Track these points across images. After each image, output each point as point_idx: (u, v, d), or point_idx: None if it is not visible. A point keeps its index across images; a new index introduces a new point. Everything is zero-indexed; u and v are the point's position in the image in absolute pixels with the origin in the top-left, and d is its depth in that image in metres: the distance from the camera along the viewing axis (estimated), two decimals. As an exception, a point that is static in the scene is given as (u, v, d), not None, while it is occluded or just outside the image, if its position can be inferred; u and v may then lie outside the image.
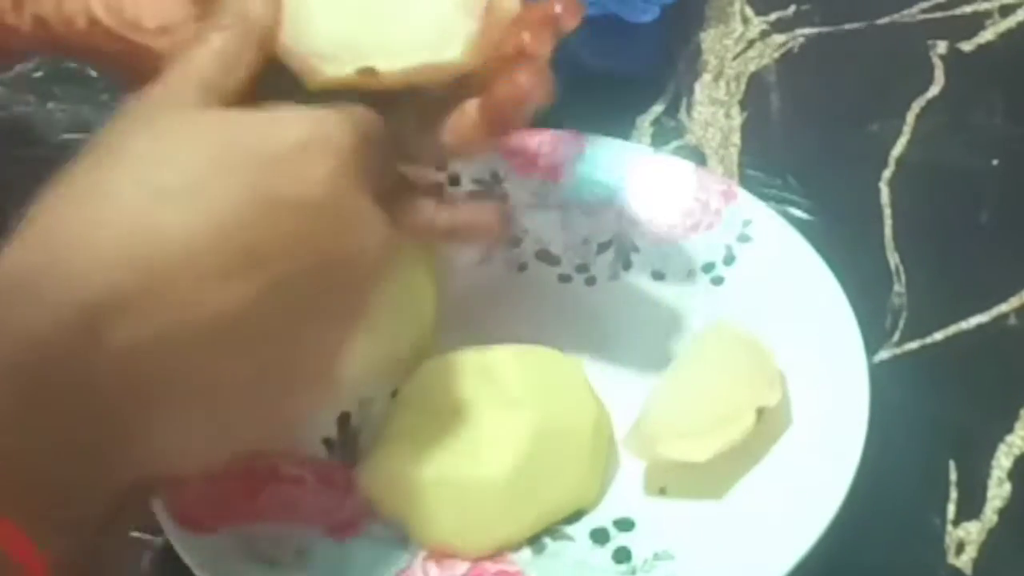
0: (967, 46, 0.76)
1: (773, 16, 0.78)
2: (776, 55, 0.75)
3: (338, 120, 0.41)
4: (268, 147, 0.39)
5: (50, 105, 0.71)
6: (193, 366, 0.37)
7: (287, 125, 0.40)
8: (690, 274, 0.59)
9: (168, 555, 0.49)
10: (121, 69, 0.49)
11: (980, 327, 0.60)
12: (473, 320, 0.58)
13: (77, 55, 0.48)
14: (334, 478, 0.52)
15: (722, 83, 0.73)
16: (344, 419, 0.54)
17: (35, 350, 0.35)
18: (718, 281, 0.59)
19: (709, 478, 0.51)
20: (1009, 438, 0.56)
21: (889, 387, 0.54)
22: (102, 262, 0.36)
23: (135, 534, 0.51)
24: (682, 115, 0.71)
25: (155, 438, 0.37)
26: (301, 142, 0.39)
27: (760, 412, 0.50)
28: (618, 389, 0.55)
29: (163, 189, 0.37)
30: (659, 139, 0.70)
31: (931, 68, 0.74)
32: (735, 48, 0.76)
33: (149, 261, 0.36)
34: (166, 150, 0.38)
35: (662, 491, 0.52)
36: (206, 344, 0.37)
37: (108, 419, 0.36)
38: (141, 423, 0.37)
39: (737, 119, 0.71)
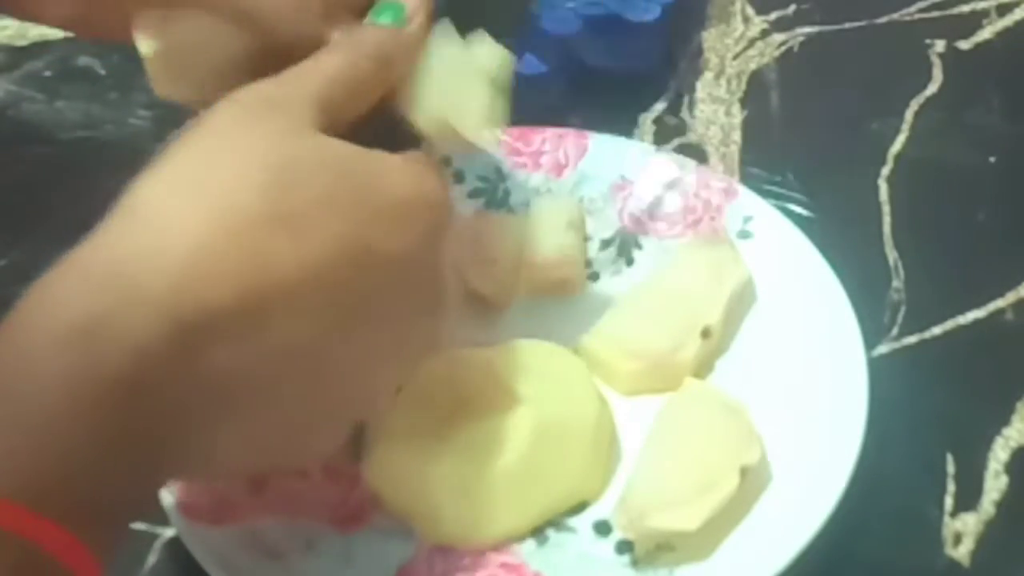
0: (965, 45, 0.76)
1: (773, 15, 0.78)
2: (776, 54, 0.76)
3: (438, 180, 0.43)
4: (375, 198, 0.40)
5: (59, 103, 0.72)
6: (265, 391, 0.38)
7: (395, 178, 0.41)
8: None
9: (175, 548, 0.50)
10: None
11: (977, 322, 0.61)
12: (477, 316, 0.59)
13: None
14: (339, 472, 0.52)
15: (723, 81, 0.74)
16: (350, 413, 0.54)
17: (136, 360, 0.35)
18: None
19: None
20: (1006, 431, 0.56)
21: (888, 381, 0.54)
22: (213, 273, 0.36)
23: (143, 527, 0.52)
24: (684, 113, 0.72)
25: (216, 451, 0.38)
26: (405, 199, 0.41)
27: (743, 471, 0.50)
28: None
29: (283, 215, 0.37)
30: (661, 137, 0.70)
31: (929, 66, 0.74)
32: (736, 47, 0.76)
33: (256, 285, 0.37)
34: (291, 176, 0.38)
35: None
36: (279, 372, 0.38)
37: (179, 430, 0.36)
38: (207, 437, 0.38)
39: (738, 117, 0.72)
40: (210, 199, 0.37)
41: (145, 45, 0.47)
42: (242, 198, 0.37)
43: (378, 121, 0.45)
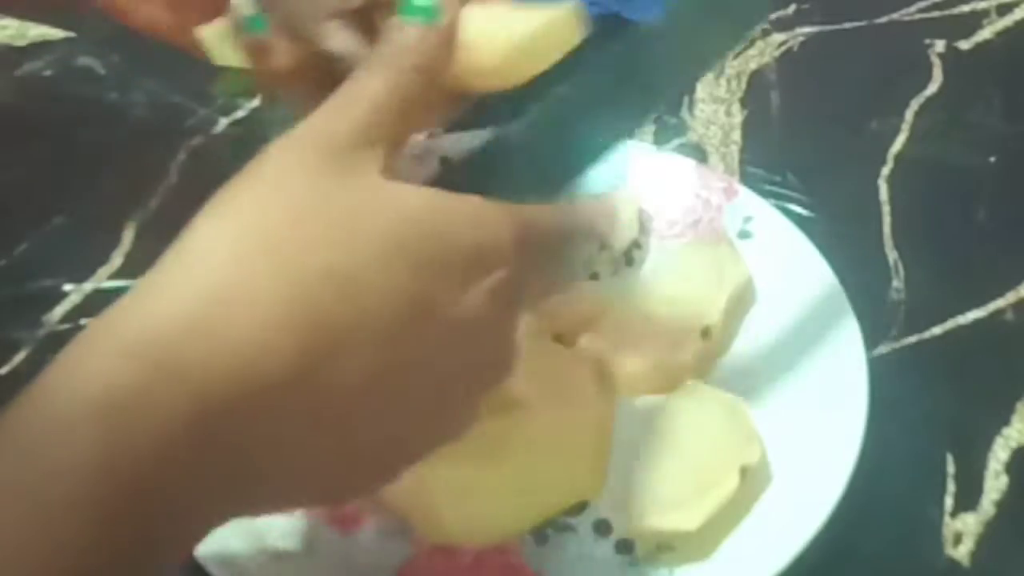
0: (965, 44, 0.76)
1: (773, 15, 0.78)
2: (776, 54, 0.76)
3: (516, 231, 0.39)
4: (442, 251, 0.37)
5: (59, 103, 0.72)
6: (296, 454, 0.35)
7: (467, 229, 0.37)
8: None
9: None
10: None
11: (977, 322, 0.61)
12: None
13: None
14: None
15: (723, 81, 0.74)
16: (350, 413, 0.54)
17: (157, 448, 0.32)
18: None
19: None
20: (1006, 431, 0.56)
21: (888, 381, 0.54)
22: (266, 345, 0.33)
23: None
24: (684, 113, 0.72)
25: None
26: (477, 253, 0.37)
27: (743, 471, 0.50)
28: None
29: (341, 273, 0.35)
30: (661, 137, 0.70)
31: (929, 66, 0.74)
32: (736, 47, 0.76)
33: (306, 348, 0.34)
34: (344, 232, 0.36)
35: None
36: (319, 425, 0.35)
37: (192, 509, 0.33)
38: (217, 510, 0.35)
39: (738, 117, 0.72)
40: (265, 258, 0.35)
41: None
42: (296, 255, 0.35)
43: None
